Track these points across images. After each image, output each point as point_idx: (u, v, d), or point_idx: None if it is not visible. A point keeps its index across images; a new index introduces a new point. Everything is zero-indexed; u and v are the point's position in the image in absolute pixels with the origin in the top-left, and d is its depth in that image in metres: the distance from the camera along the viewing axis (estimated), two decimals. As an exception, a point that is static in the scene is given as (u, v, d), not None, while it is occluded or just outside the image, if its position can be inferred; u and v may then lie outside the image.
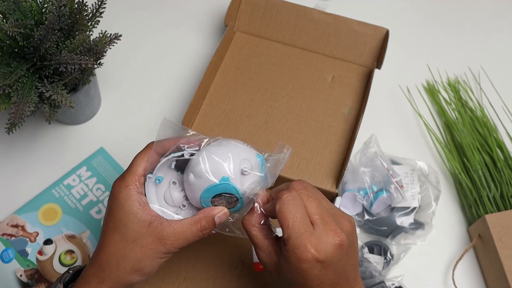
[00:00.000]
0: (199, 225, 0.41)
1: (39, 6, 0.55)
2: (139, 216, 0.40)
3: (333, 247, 0.38)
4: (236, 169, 0.41)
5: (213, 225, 0.42)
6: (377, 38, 0.68)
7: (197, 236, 0.41)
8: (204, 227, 0.41)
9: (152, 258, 0.40)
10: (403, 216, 0.60)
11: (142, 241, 0.40)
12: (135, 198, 0.41)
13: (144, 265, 0.40)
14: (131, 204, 0.40)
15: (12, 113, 0.52)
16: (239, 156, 0.42)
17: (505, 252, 0.55)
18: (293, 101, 0.65)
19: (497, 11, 0.82)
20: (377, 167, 0.59)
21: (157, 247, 0.40)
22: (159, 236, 0.40)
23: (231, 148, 0.42)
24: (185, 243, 0.41)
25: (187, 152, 0.43)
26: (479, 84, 0.73)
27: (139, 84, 0.72)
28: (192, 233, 0.41)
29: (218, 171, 0.41)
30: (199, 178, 0.41)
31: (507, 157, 0.64)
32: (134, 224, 0.40)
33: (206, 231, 0.42)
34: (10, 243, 0.59)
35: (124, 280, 0.40)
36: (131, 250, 0.40)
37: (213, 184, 0.41)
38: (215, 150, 0.42)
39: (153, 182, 0.43)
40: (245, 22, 0.71)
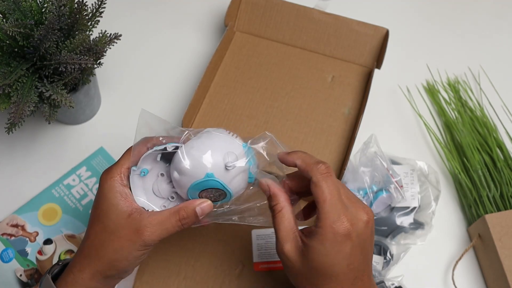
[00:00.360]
0: (178, 215, 0.41)
1: (39, 6, 0.55)
2: (119, 207, 0.41)
3: (363, 224, 0.39)
4: (220, 164, 0.41)
5: (194, 216, 0.42)
6: (377, 38, 0.68)
7: (176, 226, 0.41)
8: (183, 217, 0.41)
9: (129, 250, 0.40)
10: (403, 216, 0.60)
11: (120, 231, 0.40)
12: (118, 189, 0.41)
13: (121, 257, 0.41)
14: (113, 196, 0.41)
15: (12, 113, 0.52)
16: (222, 149, 0.41)
17: (505, 252, 0.55)
18: (293, 101, 0.65)
19: (497, 11, 0.82)
20: (377, 167, 0.59)
21: (134, 238, 0.40)
22: (137, 227, 0.40)
23: (214, 141, 0.42)
24: (164, 233, 0.41)
25: (170, 145, 0.42)
26: (479, 84, 0.73)
27: (139, 84, 0.72)
28: (171, 223, 0.41)
29: (201, 168, 0.41)
30: (183, 175, 0.41)
31: (507, 157, 0.64)
32: (114, 215, 0.41)
33: (185, 221, 0.42)
34: (10, 243, 0.59)
35: (102, 270, 0.41)
36: (110, 240, 0.41)
37: (197, 181, 0.41)
38: (197, 145, 0.41)
39: (138, 174, 0.43)
40: (245, 22, 0.71)
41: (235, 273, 0.57)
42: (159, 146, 0.42)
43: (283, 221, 0.41)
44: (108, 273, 0.42)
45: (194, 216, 0.42)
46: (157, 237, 0.41)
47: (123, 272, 0.42)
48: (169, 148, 0.42)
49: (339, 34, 0.69)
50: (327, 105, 0.65)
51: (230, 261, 0.58)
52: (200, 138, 0.42)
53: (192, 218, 0.42)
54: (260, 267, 0.58)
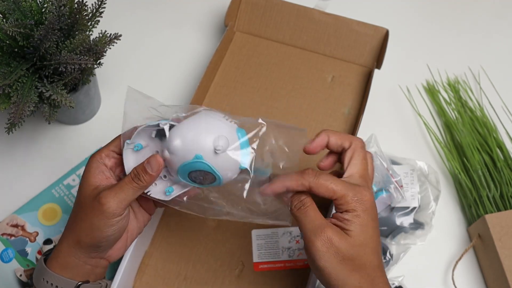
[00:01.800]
0: (130, 176, 0.42)
1: (39, 6, 0.55)
2: (89, 182, 0.42)
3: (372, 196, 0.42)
4: (209, 146, 0.40)
5: (144, 172, 0.42)
6: (377, 38, 0.68)
7: (131, 188, 0.41)
8: (134, 175, 0.42)
9: (92, 220, 0.41)
10: (403, 216, 0.60)
11: (86, 203, 0.42)
12: (94, 166, 0.43)
13: (88, 226, 0.41)
14: (88, 172, 0.43)
15: (12, 113, 0.52)
16: (213, 131, 0.41)
17: (505, 252, 0.55)
18: (293, 101, 0.65)
19: (497, 11, 0.82)
20: (377, 167, 0.59)
21: (96, 207, 0.41)
22: (98, 196, 0.41)
23: (206, 122, 0.41)
24: (122, 197, 0.41)
25: (163, 122, 0.42)
26: (479, 84, 0.73)
27: (139, 84, 0.72)
28: (126, 186, 0.41)
29: (191, 148, 0.40)
30: (173, 154, 0.41)
31: (507, 157, 0.64)
32: (84, 189, 0.42)
33: (138, 180, 0.42)
34: (10, 243, 0.59)
35: (75, 239, 0.42)
36: (79, 212, 0.42)
37: (186, 162, 0.41)
38: (188, 125, 0.41)
39: (131, 149, 0.43)
40: (245, 22, 0.71)
41: (235, 273, 0.57)
42: (152, 122, 0.42)
43: (310, 213, 0.41)
44: (80, 244, 0.42)
45: (144, 172, 0.42)
46: (116, 203, 0.41)
47: (95, 242, 0.42)
48: (162, 125, 0.42)
49: (339, 34, 0.69)
50: (327, 105, 0.65)
51: (230, 261, 0.58)
52: (193, 118, 0.41)
53: (143, 175, 0.42)
54: (260, 267, 0.58)
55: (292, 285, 0.57)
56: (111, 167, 0.44)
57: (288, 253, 0.58)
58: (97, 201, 0.41)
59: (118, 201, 0.41)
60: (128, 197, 0.42)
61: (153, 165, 0.42)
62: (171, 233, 0.60)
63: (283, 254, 0.58)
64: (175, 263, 0.57)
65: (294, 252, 0.58)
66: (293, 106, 0.65)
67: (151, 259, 0.58)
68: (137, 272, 0.57)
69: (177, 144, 0.40)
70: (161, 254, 0.58)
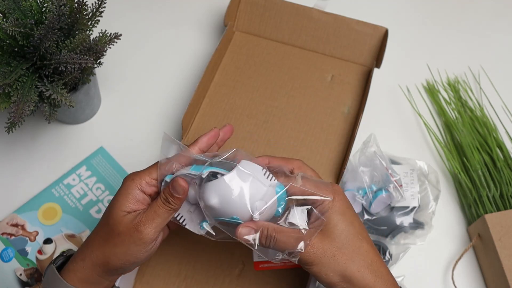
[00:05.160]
0: (161, 199, 0.42)
1: (39, 5, 0.55)
2: (123, 206, 0.42)
3: None
4: (247, 211, 0.41)
5: (174, 197, 0.42)
6: (377, 37, 0.68)
7: (163, 211, 0.42)
8: (165, 199, 0.42)
9: (128, 246, 0.42)
10: (403, 215, 0.60)
11: (119, 228, 0.42)
12: (133, 191, 0.43)
13: (120, 252, 0.42)
14: (124, 195, 0.43)
15: (12, 112, 0.52)
16: (253, 195, 0.41)
17: (504, 251, 0.55)
18: (293, 100, 0.65)
19: (497, 11, 0.82)
20: (376, 167, 0.59)
21: (132, 233, 0.41)
22: (134, 222, 0.42)
23: (247, 184, 0.41)
24: (157, 221, 0.42)
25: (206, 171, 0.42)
26: (479, 84, 0.73)
27: (139, 84, 0.72)
28: (159, 208, 0.42)
29: (227, 210, 0.41)
30: (209, 208, 0.42)
31: (507, 157, 0.64)
32: (118, 213, 0.42)
33: (169, 204, 0.42)
34: (10, 242, 0.59)
35: (102, 263, 0.42)
36: (112, 236, 0.42)
37: (221, 218, 0.42)
38: (228, 186, 0.41)
39: None
40: (245, 22, 0.71)
41: (235, 273, 0.57)
42: (193, 170, 0.42)
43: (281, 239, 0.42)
44: (108, 267, 0.42)
45: (172, 196, 0.42)
46: (154, 230, 0.42)
47: (123, 268, 0.43)
48: (204, 175, 0.42)
49: (339, 33, 0.69)
50: (327, 104, 0.65)
51: (230, 261, 0.58)
52: (232, 176, 0.41)
53: (172, 199, 0.42)
54: (260, 267, 0.58)
55: (292, 284, 0.57)
56: (150, 194, 0.44)
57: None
58: (135, 229, 0.41)
59: (156, 227, 0.42)
60: (163, 221, 0.42)
61: (178, 190, 0.42)
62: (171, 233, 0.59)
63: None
64: (175, 263, 0.57)
65: (294, 252, 0.58)
66: (293, 105, 0.65)
67: (151, 259, 0.58)
68: (137, 272, 0.57)
69: (215, 204, 0.41)
70: (161, 254, 0.58)
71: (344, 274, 0.41)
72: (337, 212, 0.42)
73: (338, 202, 0.43)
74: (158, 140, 0.67)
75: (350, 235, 0.42)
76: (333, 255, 0.41)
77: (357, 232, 0.42)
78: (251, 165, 0.42)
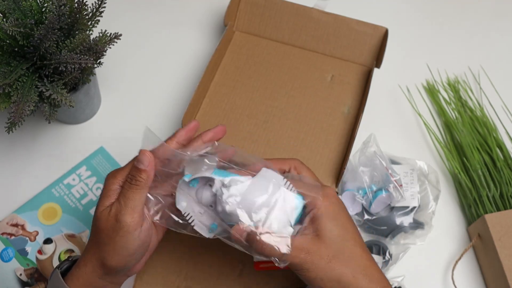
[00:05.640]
0: (128, 178, 0.42)
1: (39, 5, 0.55)
2: (105, 203, 0.43)
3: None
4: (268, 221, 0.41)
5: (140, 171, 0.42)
6: (377, 37, 0.68)
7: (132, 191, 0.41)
8: (131, 178, 0.42)
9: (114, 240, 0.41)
10: (403, 215, 0.60)
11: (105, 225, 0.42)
12: (112, 187, 0.43)
13: (111, 248, 0.41)
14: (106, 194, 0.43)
15: (12, 112, 0.52)
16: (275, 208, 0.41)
17: (504, 251, 0.55)
18: (293, 100, 0.65)
19: (497, 11, 0.82)
20: (376, 167, 0.59)
21: (115, 226, 0.41)
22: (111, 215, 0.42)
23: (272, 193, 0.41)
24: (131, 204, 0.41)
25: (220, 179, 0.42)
26: (479, 84, 0.73)
27: (139, 84, 0.72)
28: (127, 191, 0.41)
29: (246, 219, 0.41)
30: (228, 215, 0.41)
31: (507, 157, 0.64)
32: (102, 212, 0.42)
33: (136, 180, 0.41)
34: (10, 242, 0.59)
35: (100, 264, 0.42)
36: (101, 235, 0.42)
37: (234, 223, 0.41)
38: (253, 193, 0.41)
39: (187, 183, 0.43)
40: (245, 22, 0.71)
41: (235, 273, 0.57)
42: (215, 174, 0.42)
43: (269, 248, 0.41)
44: (106, 267, 0.42)
45: (138, 171, 0.42)
46: (129, 214, 0.41)
47: (120, 265, 0.43)
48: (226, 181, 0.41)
49: (339, 33, 0.69)
50: (327, 104, 0.65)
51: (230, 261, 0.58)
52: (255, 184, 0.41)
53: (138, 175, 0.42)
54: (260, 267, 0.58)
55: (292, 284, 0.57)
56: None
57: (288, 252, 0.58)
58: (114, 220, 0.41)
59: (132, 212, 0.41)
60: (136, 202, 0.42)
61: (144, 160, 0.42)
62: (171, 232, 0.59)
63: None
64: (175, 262, 0.57)
65: (293, 252, 0.58)
66: (293, 105, 0.65)
67: (151, 259, 0.58)
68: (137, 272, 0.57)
69: (234, 210, 0.41)
70: (161, 254, 0.58)
71: (340, 280, 0.40)
72: (331, 217, 0.42)
73: (331, 206, 0.42)
74: (158, 140, 0.67)
75: (344, 241, 0.42)
76: (329, 261, 0.40)
77: (351, 237, 0.42)
78: (272, 174, 0.42)
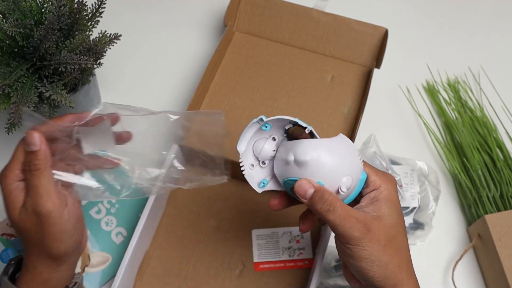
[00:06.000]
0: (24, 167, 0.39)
1: (39, 6, 0.55)
2: (15, 205, 0.40)
3: None
4: (335, 183, 0.39)
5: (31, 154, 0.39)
6: (377, 37, 0.68)
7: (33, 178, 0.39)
8: (26, 165, 0.39)
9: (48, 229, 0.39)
10: (403, 216, 0.60)
11: (26, 226, 0.39)
12: (10, 187, 0.39)
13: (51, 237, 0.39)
14: (8, 198, 0.40)
15: (12, 113, 0.52)
16: (348, 170, 0.39)
17: (504, 252, 0.55)
18: (293, 100, 0.65)
19: (497, 11, 0.82)
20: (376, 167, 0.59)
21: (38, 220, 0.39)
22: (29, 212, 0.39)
23: (345, 156, 0.40)
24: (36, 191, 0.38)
25: (304, 125, 0.40)
26: (479, 84, 0.73)
27: (139, 84, 0.72)
28: (30, 180, 0.39)
29: (318, 174, 0.39)
30: (295, 166, 0.40)
31: (507, 157, 0.64)
32: (15, 215, 0.40)
33: (31, 165, 0.39)
34: (10, 243, 0.59)
35: (40, 251, 0.40)
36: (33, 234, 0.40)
37: (295, 179, 0.40)
38: (330, 150, 0.39)
39: (260, 125, 0.42)
40: (245, 22, 0.71)
41: (235, 273, 0.57)
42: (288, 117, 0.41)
43: (340, 212, 0.39)
44: (57, 256, 0.40)
45: (30, 155, 0.39)
46: (43, 201, 0.38)
47: (69, 248, 0.41)
48: (305, 126, 0.40)
49: (339, 33, 0.69)
50: (327, 104, 0.65)
51: (230, 261, 0.58)
52: (336, 143, 0.40)
53: (32, 159, 0.39)
54: (260, 267, 0.58)
55: (292, 284, 0.57)
56: None
57: (289, 252, 0.58)
58: (34, 215, 0.39)
59: (46, 197, 0.38)
60: (47, 186, 0.39)
61: (34, 140, 0.39)
62: (171, 233, 0.60)
63: (283, 254, 0.58)
64: (175, 263, 0.58)
65: (294, 252, 0.58)
66: (293, 106, 0.65)
67: (152, 259, 0.58)
68: (137, 272, 0.57)
69: (309, 161, 0.39)
70: (161, 254, 0.58)
71: (387, 267, 0.39)
72: (392, 203, 0.41)
73: (393, 192, 0.41)
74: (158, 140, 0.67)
75: (400, 228, 0.41)
76: (384, 244, 0.39)
77: (403, 227, 0.41)
78: (348, 141, 0.41)
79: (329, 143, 0.40)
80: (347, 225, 0.39)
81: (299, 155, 0.39)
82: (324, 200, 0.39)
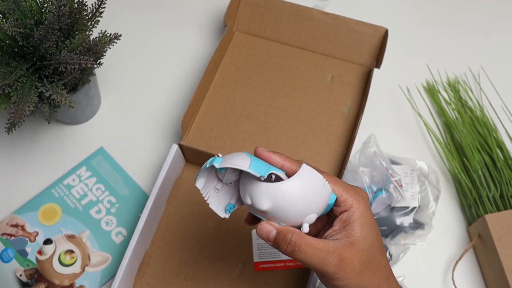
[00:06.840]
0: None
1: (39, 5, 0.55)
2: None
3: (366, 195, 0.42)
4: (297, 223, 0.38)
5: None
6: (377, 37, 0.68)
7: None
8: None
9: None
10: (403, 216, 0.60)
11: None
12: None
13: None
14: None
15: (12, 112, 0.52)
16: (310, 208, 0.37)
17: (504, 252, 0.55)
18: (293, 100, 0.65)
19: (497, 11, 0.82)
20: (376, 167, 0.59)
21: None
22: None
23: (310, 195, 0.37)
24: None
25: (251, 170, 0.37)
26: (479, 84, 0.73)
27: (139, 84, 0.72)
28: None
29: (280, 216, 0.38)
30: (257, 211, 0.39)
31: (507, 157, 0.64)
32: None
33: None
34: (10, 242, 0.59)
35: None
36: None
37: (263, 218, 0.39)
38: (291, 194, 0.37)
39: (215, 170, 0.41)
40: (244, 22, 0.71)
41: (235, 273, 0.57)
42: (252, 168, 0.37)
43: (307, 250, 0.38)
44: None
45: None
46: None
47: None
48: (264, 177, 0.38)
49: (339, 33, 0.69)
50: (327, 104, 0.65)
51: (230, 261, 0.58)
52: (295, 184, 0.37)
53: None
54: (260, 267, 0.58)
55: (292, 284, 0.57)
56: None
57: (288, 253, 0.58)
58: None
59: None
60: None
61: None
62: (171, 233, 0.60)
63: None
64: (175, 263, 0.58)
65: (294, 252, 0.58)
66: (293, 106, 0.65)
67: (151, 259, 0.58)
68: (137, 273, 0.57)
69: (267, 209, 0.37)
70: (161, 254, 0.58)
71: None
72: (366, 223, 0.39)
73: (366, 211, 0.39)
74: (159, 140, 0.67)
75: (375, 249, 0.39)
76: (360, 271, 0.38)
77: (380, 245, 0.40)
78: (312, 173, 0.38)
79: (289, 186, 0.37)
80: (317, 261, 0.37)
81: (256, 204, 0.38)
82: (287, 241, 0.38)
